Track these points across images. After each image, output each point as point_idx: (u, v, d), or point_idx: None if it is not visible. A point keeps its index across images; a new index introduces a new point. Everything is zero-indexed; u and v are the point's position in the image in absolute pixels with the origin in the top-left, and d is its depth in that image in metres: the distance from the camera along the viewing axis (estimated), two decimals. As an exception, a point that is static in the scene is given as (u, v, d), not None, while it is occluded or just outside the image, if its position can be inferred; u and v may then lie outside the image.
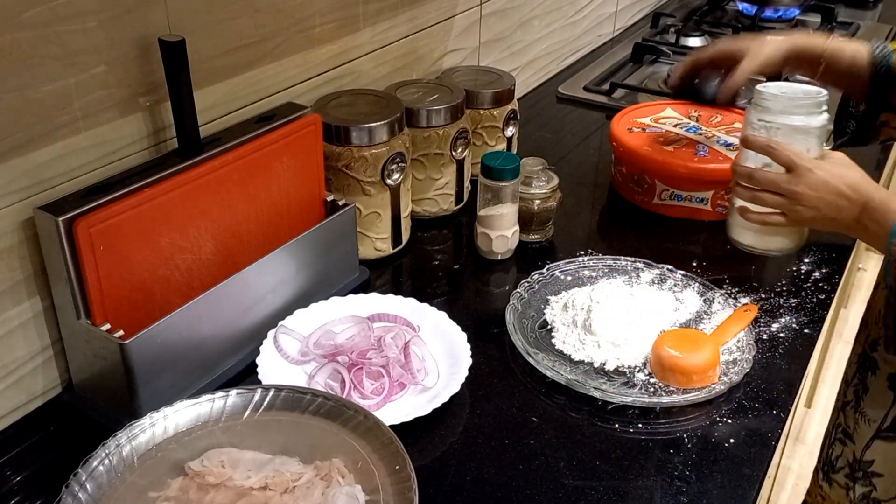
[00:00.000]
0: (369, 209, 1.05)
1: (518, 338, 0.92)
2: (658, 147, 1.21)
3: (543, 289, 1.02)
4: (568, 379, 0.87)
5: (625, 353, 0.91)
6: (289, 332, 0.91)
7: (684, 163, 1.17)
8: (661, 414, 0.85)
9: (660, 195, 1.19)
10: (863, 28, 2.06)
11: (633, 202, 1.24)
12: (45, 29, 0.74)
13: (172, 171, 0.82)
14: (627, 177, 1.23)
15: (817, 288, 1.06)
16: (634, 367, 0.90)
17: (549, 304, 0.99)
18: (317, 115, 0.97)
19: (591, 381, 0.87)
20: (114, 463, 0.70)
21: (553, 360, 0.90)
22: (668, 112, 1.32)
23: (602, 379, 0.88)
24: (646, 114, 1.32)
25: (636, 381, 0.88)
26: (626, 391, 0.86)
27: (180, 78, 0.82)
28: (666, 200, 1.19)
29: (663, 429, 0.84)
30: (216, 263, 0.89)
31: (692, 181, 1.17)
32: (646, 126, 1.28)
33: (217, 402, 0.76)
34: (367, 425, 0.74)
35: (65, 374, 0.86)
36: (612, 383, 0.88)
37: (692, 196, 1.18)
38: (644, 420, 0.84)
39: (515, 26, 1.55)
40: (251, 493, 0.68)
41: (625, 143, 1.23)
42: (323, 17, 1.06)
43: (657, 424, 0.84)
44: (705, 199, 1.18)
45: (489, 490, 0.76)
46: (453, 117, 1.14)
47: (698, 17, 2.07)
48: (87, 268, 0.76)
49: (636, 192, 1.22)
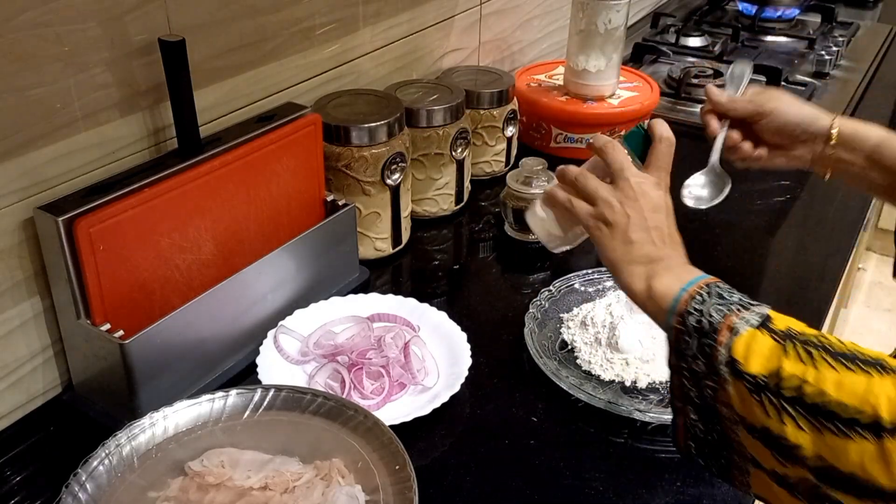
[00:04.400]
0: (369, 209, 1.05)
1: (544, 362, 0.88)
2: (552, 97, 1.40)
3: (554, 307, 0.99)
4: (607, 402, 0.84)
5: (654, 369, 0.89)
6: (289, 332, 0.91)
7: (574, 109, 1.37)
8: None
9: (555, 139, 1.39)
10: (863, 28, 2.06)
11: (533, 147, 1.42)
12: (45, 29, 0.74)
13: (172, 171, 0.82)
14: (528, 125, 1.42)
15: (817, 287, 1.06)
16: (667, 383, 0.87)
17: (563, 322, 0.97)
18: (317, 115, 0.97)
19: (628, 403, 0.84)
20: (114, 463, 0.70)
21: (581, 381, 0.87)
22: (559, 70, 1.50)
23: (637, 398, 0.86)
24: (541, 71, 1.52)
25: None
26: (664, 410, 0.83)
27: (180, 78, 0.82)
28: (561, 143, 1.39)
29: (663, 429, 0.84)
30: (216, 263, 0.89)
31: (581, 125, 1.37)
32: (541, 82, 1.47)
33: (217, 402, 0.76)
34: (367, 425, 0.74)
35: (65, 374, 0.85)
36: (648, 402, 0.86)
37: (582, 138, 1.38)
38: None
39: (515, 26, 1.55)
40: (251, 493, 0.68)
41: (525, 95, 1.40)
42: (323, 17, 1.06)
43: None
44: None
45: (489, 490, 0.76)
46: (453, 117, 1.14)
47: (698, 17, 2.07)
48: (87, 268, 0.76)
49: (535, 137, 1.42)
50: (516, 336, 0.94)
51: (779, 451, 0.55)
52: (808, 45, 1.91)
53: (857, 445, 0.51)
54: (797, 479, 0.55)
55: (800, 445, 0.53)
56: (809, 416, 0.53)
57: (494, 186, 1.29)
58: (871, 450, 0.50)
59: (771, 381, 0.54)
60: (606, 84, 1.38)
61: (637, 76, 1.51)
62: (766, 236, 1.20)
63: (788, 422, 0.54)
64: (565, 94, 1.41)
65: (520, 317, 0.95)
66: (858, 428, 0.51)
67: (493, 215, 1.22)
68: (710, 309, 0.59)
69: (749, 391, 0.55)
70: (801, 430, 0.53)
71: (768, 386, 0.54)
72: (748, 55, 1.84)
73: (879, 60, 1.87)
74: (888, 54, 1.93)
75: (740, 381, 0.56)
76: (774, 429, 0.54)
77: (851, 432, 0.51)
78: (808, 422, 0.53)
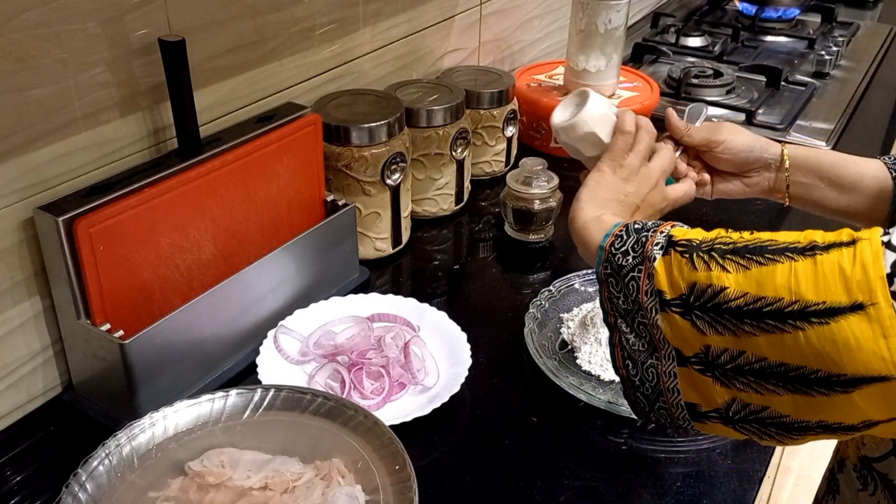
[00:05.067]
0: (369, 209, 1.05)
1: (544, 362, 0.88)
2: (552, 97, 1.38)
3: (554, 307, 0.99)
4: (607, 402, 0.84)
5: None
6: (289, 332, 0.91)
7: None
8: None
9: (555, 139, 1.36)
10: (863, 28, 2.06)
11: (533, 147, 1.41)
12: (45, 29, 0.74)
13: (172, 171, 0.82)
14: (528, 125, 1.41)
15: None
16: None
17: (563, 322, 0.97)
18: (317, 115, 0.97)
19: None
20: (114, 463, 0.70)
21: (581, 381, 0.88)
22: (559, 70, 1.50)
23: None
24: (541, 71, 1.52)
25: None
26: None
27: (180, 78, 0.82)
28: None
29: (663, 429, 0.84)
30: (216, 263, 0.89)
31: None
32: (541, 82, 1.47)
33: (217, 402, 0.76)
34: (367, 425, 0.74)
35: (65, 374, 0.85)
36: None
37: None
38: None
39: (515, 26, 1.55)
40: (251, 493, 0.68)
41: (525, 95, 1.40)
42: (323, 17, 1.06)
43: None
44: None
45: (489, 490, 0.76)
46: (453, 117, 1.14)
47: (698, 17, 2.07)
48: (87, 268, 0.76)
49: (535, 137, 1.41)
50: (516, 336, 0.94)
51: (703, 301, 0.57)
52: (808, 45, 1.91)
53: (785, 266, 0.55)
54: (719, 351, 0.57)
55: (725, 287, 0.56)
56: (738, 266, 0.57)
57: (494, 186, 1.29)
58: (802, 267, 0.54)
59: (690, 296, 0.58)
60: (606, 84, 1.39)
61: (637, 76, 1.51)
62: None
63: (716, 268, 0.57)
64: (565, 94, 1.40)
65: (520, 317, 0.95)
66: (789, 252, 0.55)
67: (493, 215, 1.22)
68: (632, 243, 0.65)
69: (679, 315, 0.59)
70: (726, 271, 0.57)
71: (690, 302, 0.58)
72: (748, 55, 1.84)
73: (879, 60, 1.87)
74: (888, 54, 1.93)
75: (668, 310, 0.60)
76: (702, 280, 0.57)
77: (781, 257, 0.55)
78: (735, 264, 0.57)
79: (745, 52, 1.87)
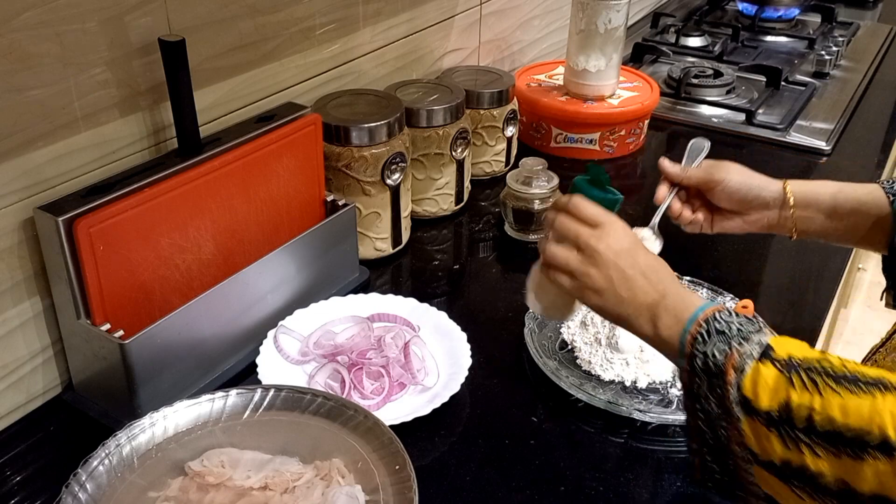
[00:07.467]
0: (369, 209, 1.05)
1: (544, 362, 0.88)
2: (552, 97, 1.40)
3: None
4: (607, 402, 0.84)
5: (654, 369, 0.89)
6: (289, 332, 0.91)
7: (574, 109, 1.37)
8: (661, 414, 0.85)
9: (555, 139, 1.39)
10: (863, 28, 2.06)
11: (533, 147, 1.42)
12: (45, 29, 0.74)
13: (172, 171, 0.82)
14: (528, 125, 1.42)
15: (817, 287, 1.06)
16: (667, 383, 0.88)
17: (563, 322, 0.97)
18: (317, 115, 0.97)
19: (629, 403, 0.84)
20: (114, 463, 0.70)
21: (581, 381, 0.87)
22: (559, 70, 1.50)
23: (637, 398, 0.86)
24: (541, 71, 1.52)
25: (671, 398, 0.86)
26: (664, 410, 0.84)
27: (180, 78, 0.82)
28: (561, 143, 1.39)
29: (663, 428, 0.84)
30: (216, 263, 0.89)
31: (580, 124, 1.37)
32: (541, 82, 1.48)
33: (217, 402, 0.76)
34: (367, 425, 0.74)
35: (65, 374, 0.85)
36: (648, 402, 0.86)
37: (582, 138, 1.38)
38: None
39: (515, 26, 1.55)
40: (251, 493, 0.68)
41: (525, 95, 1.40)
42: (323, 17, 1.06)
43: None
44: (594, 139, 1.38)
45: (489, 490, 0.76)
46: (453, 117, 1.14)
47: (698, 17, 2.07)
48: (87, 268, 0.76)
49: (535, 137, 1.42)
50: (516, 336, 0.94)
51: (803, 483, 0.56)
52: (808, 45, 1.91)
53: (871, 466, 0.53)
54: None
55: (821, 473, 0.55)
56: (824, 443, 0.54)
57: (494, 186, 1.29)
58: (885, 469, 0.52)
59: (783, 414, 0.56)
60: (606, 84, 1.39)
61: (637, 76, 1.51)
62: (766, 237, 1.20)
63: (806, 451, 0.55)
64: (565, 94, 1.41)
65: (520, 317, 0.95)
66: (870, 449, 0.53)
67: (493, 215, 1.22)
68: (713, 349, 0.61)
69: (764, 426, 0.57)
70: (818, 457, 0.55)
71: (781, 418, 0.56)
72: (748, 55, 1.84)
73: (879, 60, 1.87)
74: (888, 54, 1.93)
75: (754, 418, 0.57)
76: (795, 460, 0.56)
77: (864, 454, 0.53)
78: (824, 448, 0.54)
79: (745, 52, 1.87)
